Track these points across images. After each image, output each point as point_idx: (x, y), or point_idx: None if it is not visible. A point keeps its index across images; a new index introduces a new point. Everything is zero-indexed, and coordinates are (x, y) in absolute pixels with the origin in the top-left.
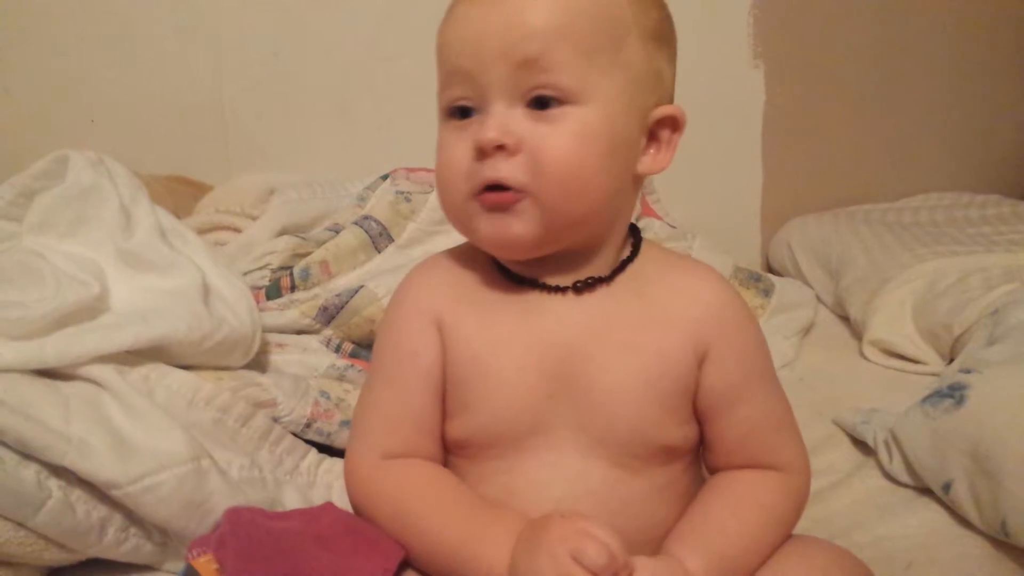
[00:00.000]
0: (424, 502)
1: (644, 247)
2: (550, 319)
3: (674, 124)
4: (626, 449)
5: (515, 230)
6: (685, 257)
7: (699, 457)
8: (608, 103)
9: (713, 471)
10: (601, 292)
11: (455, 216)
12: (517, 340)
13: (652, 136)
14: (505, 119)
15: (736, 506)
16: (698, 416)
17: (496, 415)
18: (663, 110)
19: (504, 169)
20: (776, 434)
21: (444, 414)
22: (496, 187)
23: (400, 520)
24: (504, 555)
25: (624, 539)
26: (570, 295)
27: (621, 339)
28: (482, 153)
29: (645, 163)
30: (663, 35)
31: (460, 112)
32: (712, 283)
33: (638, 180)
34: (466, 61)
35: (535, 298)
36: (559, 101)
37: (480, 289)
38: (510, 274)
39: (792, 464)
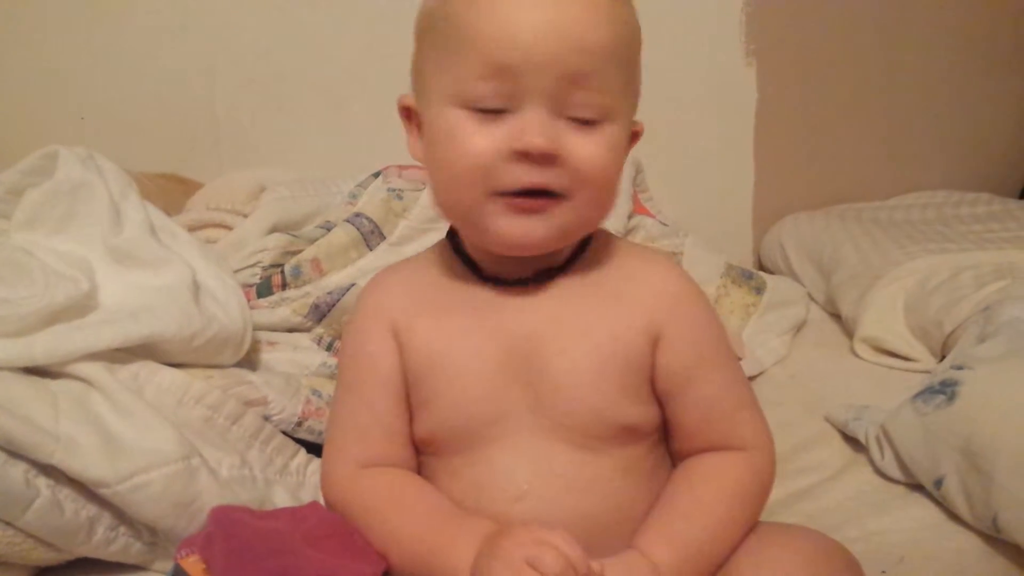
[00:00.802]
0: (396, 512)
1: (597, 236)
2: (507, 311)
3: (636, 138)
4: (587, 430)
5: (539, 233)
6: (638, 245)
7: (664, 439)
8: (625, 121)
9: (679, 457)
10: (558, 282)
11: (462, 210)
12: (473, 333)
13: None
14: (551, 128)
15: (700, 491)
16: (660, 398)
17: (456, 407)
18: (638, 127)
19: (549, 176)
20: (736, 413)
21: (410, 417)
22: (530, 192)
23: (375, 530)
24: (468, 560)
25: (594, 519)
26: (529, 287)
27: (575, 324)
28: (525, 157)
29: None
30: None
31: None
32: (663, 268)
33: None
34: (513, 60)
35: (491, 294)
36: (598, 118)
37: (435, 292)
38: (474, 270)
39: (754, 442)
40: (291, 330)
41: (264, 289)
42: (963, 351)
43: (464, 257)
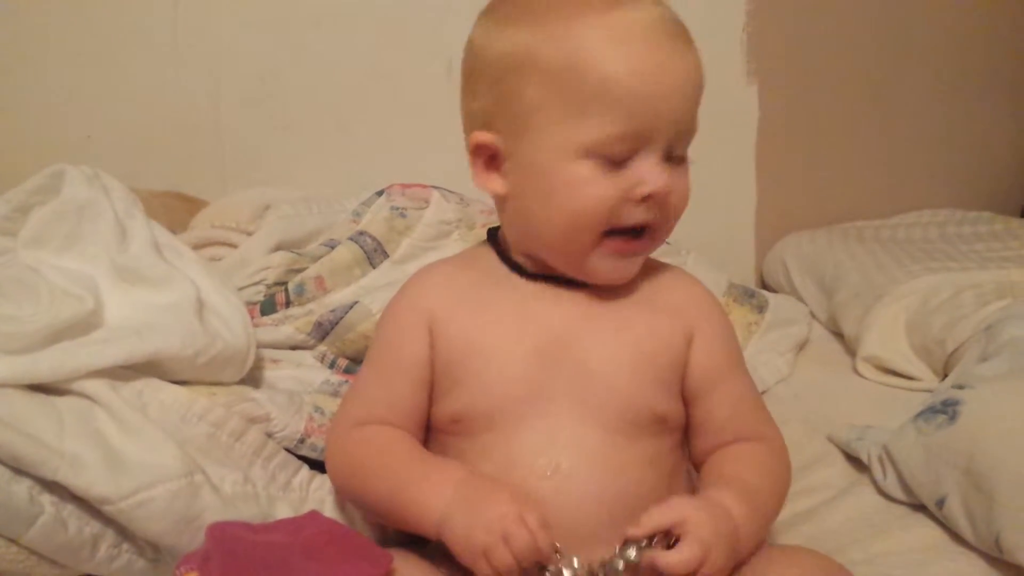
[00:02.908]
0: (378, 455)
1: None
2: (546, 306)
3: None
4: (622, 416)
5: (631, 271)
6: (657, 260)
7: (685, 443)
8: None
9: (703, 455)
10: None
11: (571, 250)
12: (511, 323)
13: None
14: (666, 172)
15: (742, 467)
16: (688, 397)
17: (490, 386)
18: None
19: (651, 213)
20: (756, 412)
21: (429, 401)
22: (631, 230)
23: (359, 475)
24: (439, 502)
25: (619, 502)
26: (568, 286)
27: (612, 320)
28: (645, 201)
29: None
30: None
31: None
32: (687, 278)
33: None
34: (657, 123)
35: (531, 290)
36: (683, 158)
37: (476, 289)
38: (520, 270)
39: (774, 439)
40: (294, 348)
41: (268, 307)
42: (965, 370)
43: (507, 259)
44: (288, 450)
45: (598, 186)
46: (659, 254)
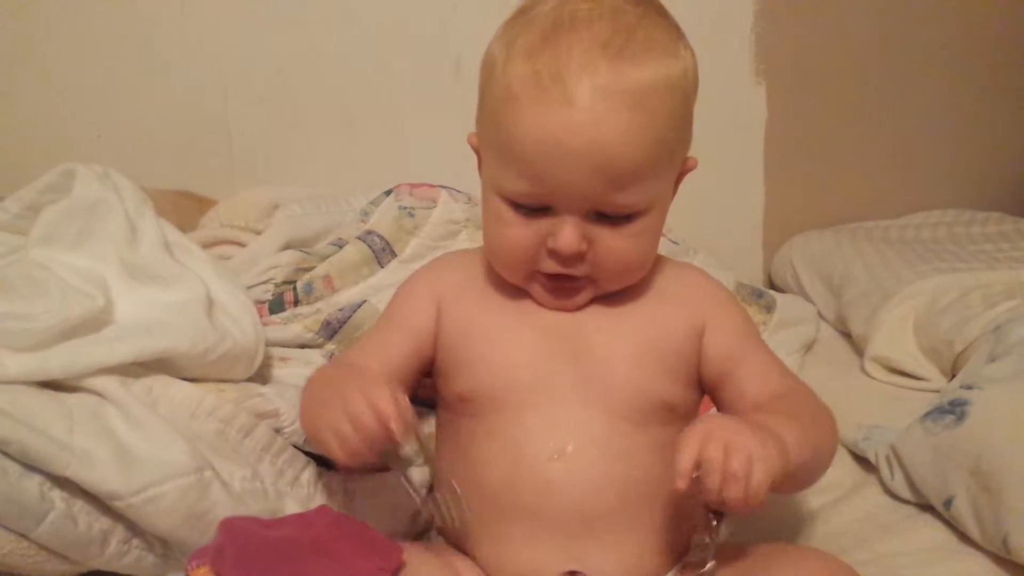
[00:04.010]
0: (330, 379)
1: None
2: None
3: (685, 174)
4: (627, 403)
5: (576, 302)
6: (667, 258)
7: None
8: (664, 196)
9: None
10: None
11: (511, 276)
12: (516, 311)
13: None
14: (582, 228)
15: (772, 406)
16: (712, 384)
17: (496, 370)
18: (687, 165)
19: (577, 268)
20: (787, 375)
21: (437, 374)
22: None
23: (305, 397)
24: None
25: (625, 488)
26: None
27: (619, 315)
28: (557, 254)
29: None
30: (697, 86)
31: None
32: (697, 272)
33: None
34: (551, 187)
35: None
36: (632, 215)
37: (486, 279)
38: None
39: (810, 391)
40: (303, 346)
41: (276, 305)
42: (973, 371)
43: None
44: (296, 446)
45: (516, 229)
46: (665, 254)
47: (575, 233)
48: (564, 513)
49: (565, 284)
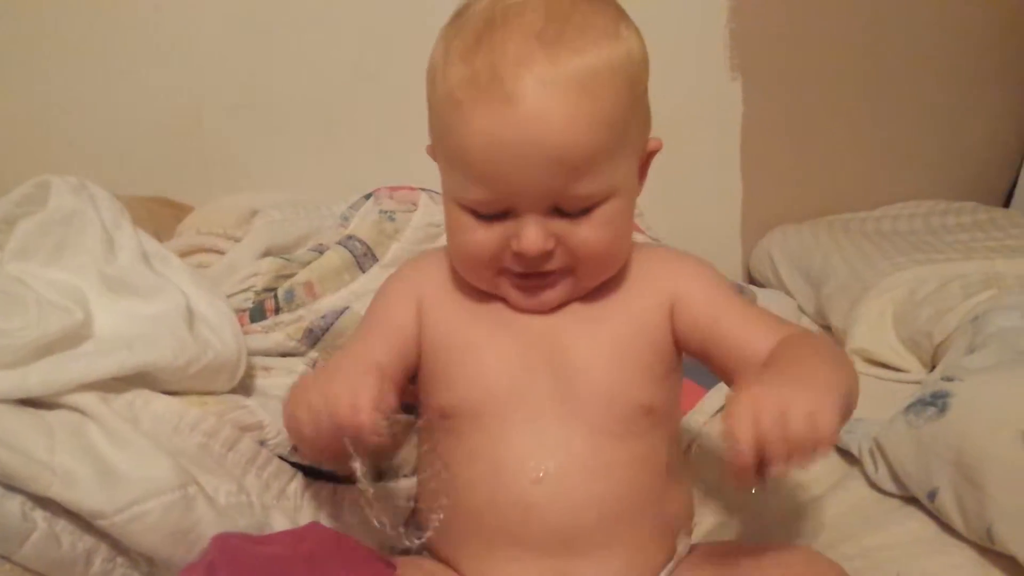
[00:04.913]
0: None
1: None
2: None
3: (651, 156)
4: (607, 413)
5: (551, 299)
6: (644, 243)
7: (679, 437)
8: (627, 181)
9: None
10: None
11: (478, 280)
12: (492, 319)
13: (640, 169)
14: (544, 226)
15: (793, 344)
16: (701, 352)
17: (474, 384)
18: (651, 147)
19: (548, 263)
20: (779, 322)
21: (419, 386)
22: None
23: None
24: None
25: (610, 504)
26: None
27: (593, 314)
28: (524, 258)
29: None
30: (647, 67)
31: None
32: (661, 250)
33: None
34: (503, 189)
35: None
36: (594, 205)
37: (460, 281)
38: None
39: (811, 332)
40: (285, 355)
41: (257, 314)
42: (953, 362)
43: None
44: (282, 458)
45: (476, 233)
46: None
47: (538, 233)
48: (547, 534)
49: (536, 281)
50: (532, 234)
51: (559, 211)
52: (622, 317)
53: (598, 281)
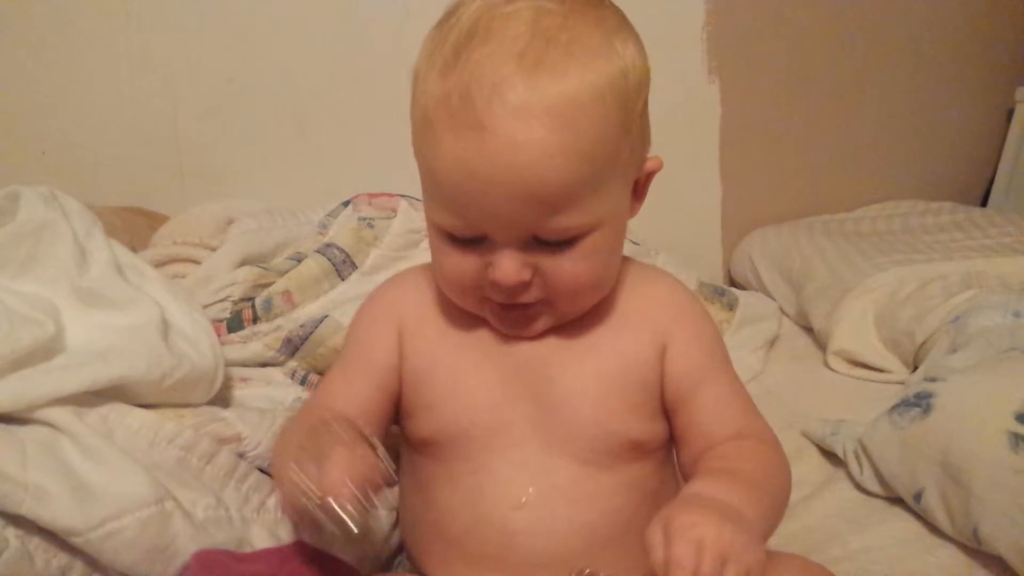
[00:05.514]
0: (300, 425)
1: None
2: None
3: (651, 177)
4: (591, 445)
5: (535, 327)
6: (637, 262)
7: (671, 458)
8: (616, 209)
9: (690, 468)
10: None
11: (463, 303)
12: (475, 346)
13: (636, 191)
14: (521, 257)
15: (727, 458)
16: (669, 409)
17: (457, 414)
18: (648, 167)
19: (526, 296)
20: (742, 411)
21: (400, 413)
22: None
23: (277, 445)
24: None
25: (594, 532)
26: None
27: (581, 345)
28: (500, 288)
29: (631, 215)
30: (648, 81)
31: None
32: (663, 281)
33: None
34: (469, 206)
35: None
36: (575, 237)
37: (443, 303)
38: None
39: (768, 438)
40: (263, 365)
41: (235, 324)
42: (936, 362)
43: None
44: (261, 470)
45: (454, 258)
46: (627, 255)
47: (513, 265)
48: (529, 561)
49: (517, 313)
50: (507, 265)
51: (538, 240)
52: (610, 350)
53: (581, 311)
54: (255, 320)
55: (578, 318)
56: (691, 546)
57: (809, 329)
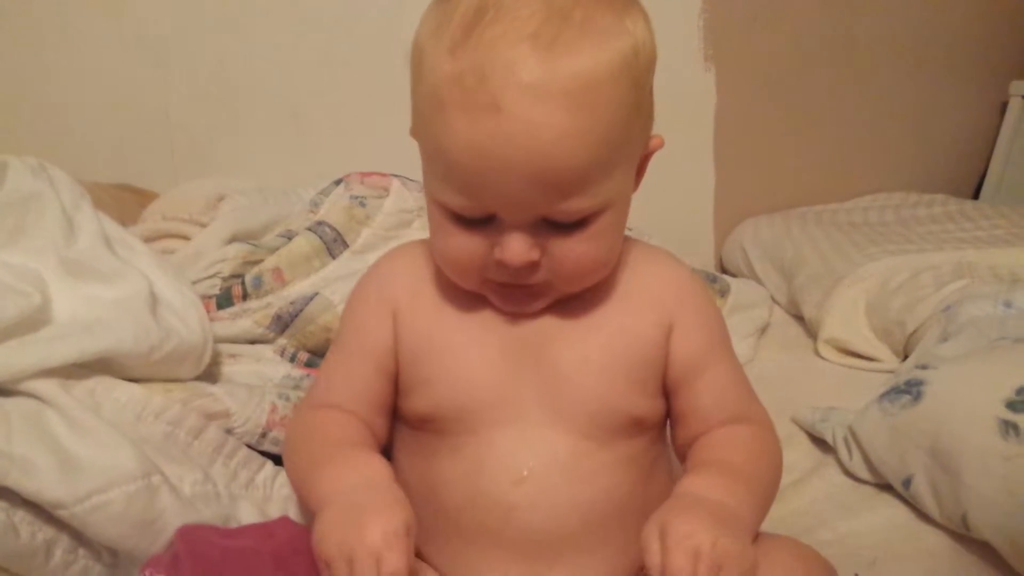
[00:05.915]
0: (312, 434)
1: None
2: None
3: (650, 155)
4: (593, 421)
5: (536, 306)
6: (639, 242)
7: (664, 435)
8: (624, 189)
9: (687, 444)
10: None
11: (464, 282)
12: (475, 322)
13: (638, 168)
14: (530, 238)
15: (724, 446)
16: (669, 389)
17: (458, 389)
18: (651, 146)
19: (529, 277)
20: (740, 396)
21: (397, 391)
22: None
23: (293, 453)
24: (332, 486)
25: (592, 509)
26: None
27: (585, 321)
28: (507, 268)
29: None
30: (655, 58)
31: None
32: (669, 262)
33: None
34: (481, 187)
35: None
36: (585, 219)
37: (439, 279)
38: None
39: (763, 422)
40: (253, 342)
41: (224, 300)
42: (926, 350)
43: None
44: (250, 446)
45: (459, 239)
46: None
47: (522, 245)
48: (527, 537)
49: (520, 292)
50: (516, 246)
51: (547, 221)
52: (613, 326)
53: (581, 288)
54: (245, 297)
55: (579, 295)
56: (688, 556)
57: (800, 318)
